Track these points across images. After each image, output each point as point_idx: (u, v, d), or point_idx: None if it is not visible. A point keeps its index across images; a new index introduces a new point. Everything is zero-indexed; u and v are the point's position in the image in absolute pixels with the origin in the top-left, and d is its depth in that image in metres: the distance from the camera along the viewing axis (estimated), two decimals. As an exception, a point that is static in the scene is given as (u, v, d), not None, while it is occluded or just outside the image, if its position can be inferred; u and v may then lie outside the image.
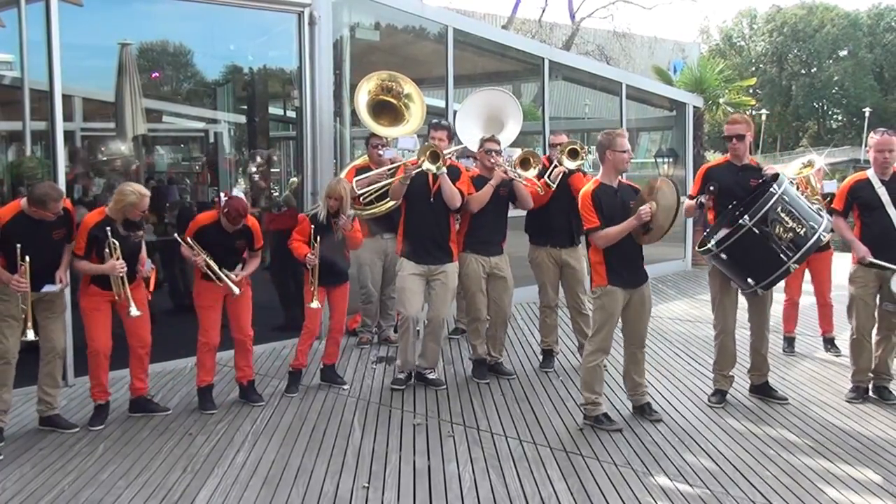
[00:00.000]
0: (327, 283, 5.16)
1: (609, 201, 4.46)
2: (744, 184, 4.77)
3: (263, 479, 3.87)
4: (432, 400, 5.09)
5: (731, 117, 5.13)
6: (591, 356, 4.56)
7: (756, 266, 4.51)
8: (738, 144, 4.82)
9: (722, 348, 4.94)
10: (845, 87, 53.71)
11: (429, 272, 5.22)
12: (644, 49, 27.16)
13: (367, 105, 6.25)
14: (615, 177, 4.57)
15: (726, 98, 12.54)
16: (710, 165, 5.04)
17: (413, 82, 6.42)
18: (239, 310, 4.94)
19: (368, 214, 6.16)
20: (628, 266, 4.52)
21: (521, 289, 7.98)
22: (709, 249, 4.53)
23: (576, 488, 3.75)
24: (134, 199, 4.55)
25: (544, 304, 5.85)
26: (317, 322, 5.23)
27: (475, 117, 6.47)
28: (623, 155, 4.51)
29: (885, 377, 5.08)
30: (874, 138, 4.90)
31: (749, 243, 4.40)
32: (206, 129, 7.91)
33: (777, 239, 4.40)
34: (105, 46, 6.37)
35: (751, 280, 4.53)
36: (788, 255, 4.41)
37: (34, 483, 3.83)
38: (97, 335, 4.57)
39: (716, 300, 4.93)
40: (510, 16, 26.36)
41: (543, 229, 5.68)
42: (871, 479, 3.84)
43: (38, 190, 4.30)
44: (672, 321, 7.58)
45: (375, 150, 6.18)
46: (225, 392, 5.22)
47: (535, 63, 9.28)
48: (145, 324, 4.73)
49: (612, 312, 4.51)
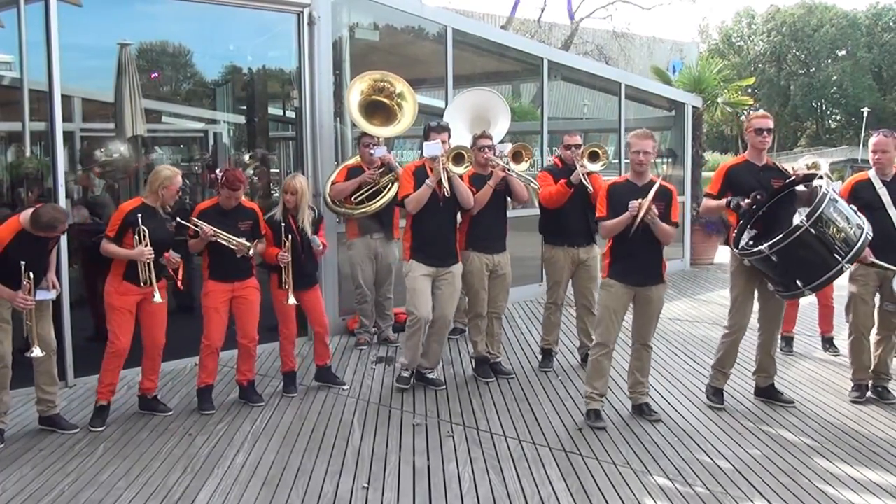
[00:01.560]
0: (298, 287, 5.09)
1: (622, 197, 4.50)
2: (765, 184, 4.74)
3: (263, 479, 3.88)
4: (432, 400, 5.09)
5: (759, 112, 5.12)
6: (593, 349, 4.69)
7: (808, 268, 4.40)
8: (769, 138, 4.84)
9: (731, 347, 4.92)
10: (844, 86, 53.75)
11: (436, 273, 5.23)
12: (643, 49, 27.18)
13: (360, 105, 6.27)
14: (635, 175, 4.62)
15: (725, 98, 12.53)
16: (731, 165, 4.94)
17: (405, 81, 6.42)
18: (247, 314, 4.93)
19: (359, 214, 6.17)
20: (632, 264, 4.54)
21: (520, 288, 8.00)
22: (759, 251, 4.39)
23: (575, 488, 3.75)
24: (168, 173, 4.62)
25: (551, 301, 5.86)
26: (291, 325, 5.21)
27: (462, 118, 6.49)
28: (634, 155, 4.57)
29: (885, 377, 5.09)
30: (871, 137, 4.95)
31: (804, 245, 4.31)
32: (206, 129, 7.92)
33: (831, 239, 4.35)
34: (104, 47, 6.36)
35: (799, 282, 4.43)
36: (841, 254, 4.36)
37: (34, 484, 3.84)
38: (121, 335, 4.58)
39: (738, 300, 4.87)
40: (509, 16, 26.38)
41: (561, 230, 5.67)
42: (870, 479, 3.85)
43: (44, 217, 4.20)
44: (672, 321, 7.58)
45: (367, 150, 6.20)
46: (225, 392, 5.22)
47: (535, 63, 9.28)
48: (162, 325, 4.75)
49: (609, 306, 4.56)
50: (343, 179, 6.21)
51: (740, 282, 4.85)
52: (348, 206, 6.24)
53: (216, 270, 4.85)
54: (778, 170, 4.88)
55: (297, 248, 5.06)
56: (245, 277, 4.93)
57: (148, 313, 4.67)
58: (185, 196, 7.33)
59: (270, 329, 5.31)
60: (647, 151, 4.53)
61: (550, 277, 5.85)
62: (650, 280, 4.59)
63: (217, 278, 4.84)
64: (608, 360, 4.62)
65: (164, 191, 4.61)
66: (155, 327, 4.72)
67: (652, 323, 4.70)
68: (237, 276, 4.88)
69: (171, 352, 5.65)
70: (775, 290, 4.68)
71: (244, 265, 4.91)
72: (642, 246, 4.51)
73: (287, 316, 5.17)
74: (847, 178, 5.44)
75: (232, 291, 4.86)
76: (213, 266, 4.86)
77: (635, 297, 4.61)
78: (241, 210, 4.92)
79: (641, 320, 4.69)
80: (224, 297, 4.85)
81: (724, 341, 4.96)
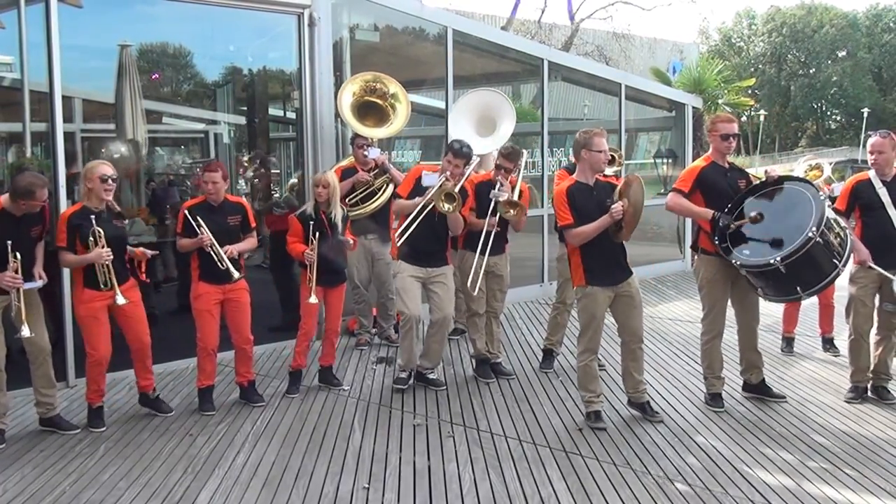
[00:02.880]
0: (325, 283, 5.16)
1: (584, 200, 4.48)
2: (733, 185, 4.79)
3: (264, 480, 3.88)
4: (432, 400, 5.10)
5: (725, 115, 5.15)
6: (580, 357, 4.66)
7: (812, 275, 4.41)
8: (734, 143, 4.89)
9: (712, 352, 4.94)
10: (844, 87, 53.82)
11: (427, 275, 5.24)
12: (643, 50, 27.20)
13: (352, 106, 6.28)
14: (591, 175, 4.58)
15: (725, 99, 12.55)
16: (702, 167, 4.88)
17: (398, 82, 6.43)
18: (238, 316, 4.92)
19: (355, 215, 6.19)
20: (606, 265, 4.53)
21: (520, 288, 8.00)
22: (769, 264, 4.34)
23: (575, 488, 3.76)
24: (89, 165, 4.54)
25: (560, 300, 5.87)
26: (313, 322, 5.22)
27: (468, 118, 6.49)
28: (599, 154, 4.51)
29: (885, 377, 5.09)
30: (870, 138, 4.98)
31: (813, 254, 4.31)
32: (206, 130, 7.93)
33: (830, 245, 4.38)
34: (105, 48, 6.38)
35: (799, 288, 4.43)
36: (839, 258, 4.39)
37: (35, 484, 3.84)
38: (97, 344, 4.54)
39: (714, 307, 4.88)
40: (509, 17, 26.42)
41: None
42: (870, 480, 3.85)
43: (22, 181, 4.17)
44: (672, 322, 7.59)
45: (361, 151, 6.22)
46: (226, 393, 5.23)
47: (535, 64, 9.29)
48: (140, 323, 4.69)
49: (593, 313, 4.55)
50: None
51: (717, 289, 4.84)
52: (342, 207, 6.25)
53: (206, 272, 4.81)
54: (741, 171, 4.97)
55: (326, 244, 5.05)
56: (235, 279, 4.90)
57: (123, 316, 4.60)
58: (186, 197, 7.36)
59: (270, 329, 5.32)
60: (605, 150, 4.55)
61: (561, 276, 5.84)
62: (625, 274, 4.59)
63: (207, 280, 4.81)
64: (596, 362, 4.66)
65: (91, 184, 4.47)
66: (134, 328, 4.65)
67: (640, 317, 4.68)
68: (227, 279, 4.82)
69: (171, 352, 5.68)
70: (765, 295, 4.67)
71: (234, 266, 4.87)
72: (610, 245, 4.50)
73: (309, 312, 5.17)
74: (847, 178, 5.45)
75: (223, 293, 4.84)
76: (203, 268, 4.82)
77: (616, 297, 4.58)
78: (229, 205, 4.90)
79: (628, 318, 4.64)
80: (215, 298, 4.82)
81: (705, 348, 4.96)
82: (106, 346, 4.57)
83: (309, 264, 5.01)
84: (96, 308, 4.52)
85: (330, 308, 5.30)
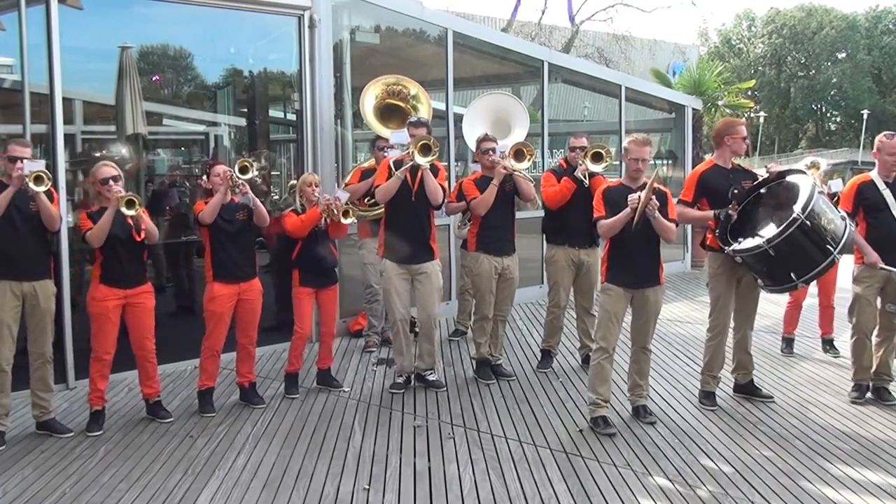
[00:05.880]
0: (316, 284, 5.16)
1: (619, 200, 4.50)
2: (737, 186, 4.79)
3: (264, 481, 3.88)
4: (432, 402, 5.10)
5: (735, 119, 5.17)
6: (594, 354, 4.67)
7: (802, 260, 4.44)
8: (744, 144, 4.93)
9: (717, 350, 4.95)
10: (843, 89, 53.83)
11: (410, 272, 5.22)
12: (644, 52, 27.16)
13: (375, 109, 6.31)
14: (635, 181, 4.60)
15: (725, 100, 12.57)
16: (703, 171, 4.95)
17: (418, 84, 6.46)
18: (249, 317, 4.93)
19: (373, 216, 6.19)
20: (629, 266, 4.55)
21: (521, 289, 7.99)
22: (758, 246, 4.42)
23: (576, 489, 3.75)
24: (96, 165, 4.60)
25: (553, 304, 5.85)
26: (307, 325, 5.21)
27: (482, 120, 6.51)
28: (632, 162, 4.57)
29: (886, 378, 5.09)
30: (884, 141, 4.93)
31: (800, 236, 4.36)
32: (207, 131, 7.93)
33: (822, 230, 4.39)
34: (105, 49, 6.38)
35: (793, 275, 4.46)
36: (833, 246, 4.39)
37: (35, 486, 3.84)
38: (102, 342, 4.56)
39: (719, 302, 4.91)
40: (510, 18, 26.40)
41: (562, 229, 5.68)
42: (870, 480, 3.85)
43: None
44: (672, 322, 7.59)
45: (381, 153, 6.21)
46: (226, 394, 5.22)
47: (535, 66, 9.31)
48: (147, 330, 4.70)
49: (609, 310, 4.56)
50: (357, 181, 6.23)
51: (721, 283, 4.88)
52: (361, 208, 6.27)
53: (220, 270, 4.81)
54: (746, 171, 4.98)
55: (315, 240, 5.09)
56: (250, 278, 4.92)
57: (133, 319, 4.62)
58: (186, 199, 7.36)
59: (269, 330, 5.31)
60: (645, 159, 4.55)
61: (550, 277, 5.84)
62: (648, 282, 4.60)
63: (222, 279, 4.81)
64: (610, 363, 4.61)
65: (97, 187, 4.55)
66: (140, 333, 4.66)
67: (650, 325, 4.70)
68: (243, 277, 4.85)
69: (171, 354, 5.67)
70: (765, 285, 4.70)
71: (248, 265, 4.91)
72: (640, 248, 4.52)
73: (303, 314, 5.17)
74: (847, 180, 5.45)
75: (238, 294, 4.85)
76: (216, 266, 4.81)
77: (633, 299, 4.61)
78: (234, 203, 4.91)
79: (639, 323, 4.69)
80: (230, 301, 4.83)
81: (710, 344, 4.98)
82: (110, 346, 4.58)
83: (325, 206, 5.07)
84: (109, 307, 4.54)
85: (323, 310, 5.29)
